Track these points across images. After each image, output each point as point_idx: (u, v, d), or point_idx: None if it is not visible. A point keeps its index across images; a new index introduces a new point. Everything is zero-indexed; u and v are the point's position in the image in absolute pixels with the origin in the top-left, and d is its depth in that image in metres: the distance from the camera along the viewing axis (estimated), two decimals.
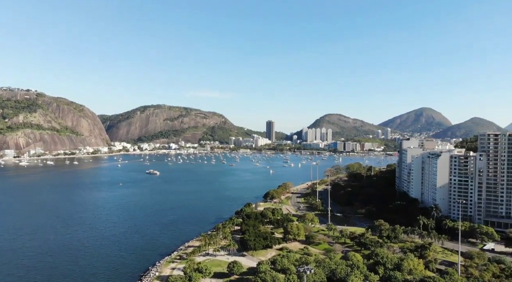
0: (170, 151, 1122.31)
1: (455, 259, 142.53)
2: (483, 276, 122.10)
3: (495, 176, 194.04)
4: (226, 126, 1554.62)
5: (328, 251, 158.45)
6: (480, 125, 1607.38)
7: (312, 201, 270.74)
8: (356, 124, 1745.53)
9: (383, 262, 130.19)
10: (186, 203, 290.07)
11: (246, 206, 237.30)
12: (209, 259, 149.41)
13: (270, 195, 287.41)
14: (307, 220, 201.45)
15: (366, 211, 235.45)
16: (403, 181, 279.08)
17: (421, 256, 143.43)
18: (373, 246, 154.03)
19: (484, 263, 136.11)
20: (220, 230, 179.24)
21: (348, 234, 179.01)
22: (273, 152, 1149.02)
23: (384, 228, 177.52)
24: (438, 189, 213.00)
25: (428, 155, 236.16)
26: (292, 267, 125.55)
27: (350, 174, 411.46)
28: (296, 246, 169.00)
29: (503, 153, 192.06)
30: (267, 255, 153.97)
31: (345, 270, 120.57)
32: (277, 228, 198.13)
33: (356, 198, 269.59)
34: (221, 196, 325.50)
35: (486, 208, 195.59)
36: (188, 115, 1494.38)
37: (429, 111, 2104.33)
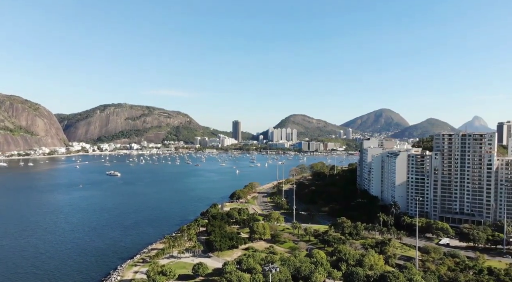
0: (132, 152, 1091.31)
1: (413, 254, 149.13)
2: (439, 269, 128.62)
3: (449, 174, 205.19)
4: (191, 126, 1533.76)
5: (293, 249, 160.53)
6: (436, 125, 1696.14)
7: (278, 200, 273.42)
8: (319, 125, 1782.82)
9: (345, 258, 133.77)
10: (149, 204, 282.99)
11: (212, 207, 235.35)
12: (173, 262, 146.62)
13: (236, 195, 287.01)
14: (273, 219, 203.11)
15: (329, 209, 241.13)
16: (364, 179, 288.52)
17: (381, 251, 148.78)
18: (336, 243, 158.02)
19: (440, 257, 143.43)
20: (185, 231, 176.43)
21: (312, 231, 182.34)
22: (240, 151, 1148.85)
23: (347, 225, 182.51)
24: (397, 187, 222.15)
25: (387, 154, 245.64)
26: (258, 266, 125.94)
27: (314, 173, 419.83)
28: (262, 245, 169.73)
29: (457, 152, 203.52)
30: (233, 256, 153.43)
31: (309, 268, 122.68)
32: (244, 228, 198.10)
33: (320, 196, 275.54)
34: (186, 197, 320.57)
35: (441, 205, 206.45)
36: (151, 114, 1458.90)
37: (388, 112, 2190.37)
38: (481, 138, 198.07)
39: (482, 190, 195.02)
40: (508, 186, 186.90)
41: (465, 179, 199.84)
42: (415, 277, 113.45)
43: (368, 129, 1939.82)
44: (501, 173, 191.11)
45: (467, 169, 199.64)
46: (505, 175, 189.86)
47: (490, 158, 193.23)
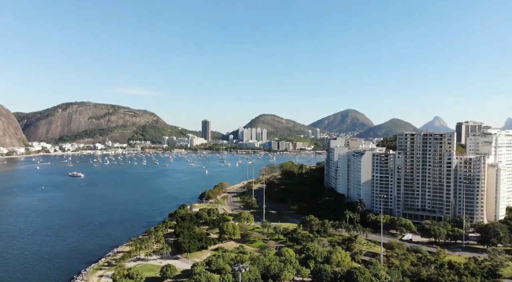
0: (96, 152, 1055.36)
1: (378, 250, 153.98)
2: (403, 264, 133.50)
3: (412, 172, 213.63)
4: (158, 125, 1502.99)
5: (262, 248, 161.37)
6: (399, 125, 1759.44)
7: (248, 199, 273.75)
8: (289, 125, 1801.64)
9: (313, 256, 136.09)
10: (115, 206, 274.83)
11: (180, 208, 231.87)
12: (140, 264, 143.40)
13: (206, 196, 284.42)
14: (243, 218, 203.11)
15: (298, 207, 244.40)
16: (331, 177, 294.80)
17: (348, 248, 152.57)
18: (305, 240, 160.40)
19: (403, 253, 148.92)
20: (152, 233, 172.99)
21: (281, 230, 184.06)
22: (209, 151, 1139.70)
23: (315, 223, 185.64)
24: (362, 185, 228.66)
25: (353, 153, 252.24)
26: (228, 266, 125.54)
27: (284, 172, 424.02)
28: (232, 245, 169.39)
29: (418, 151, 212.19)
30: (202, 256, 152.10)
31: (279, 266, 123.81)
32: (213, 229, 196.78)
33: (289, 195, 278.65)
34: (153, 199, 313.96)
35: (404, 202, 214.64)
36: (116, 113, 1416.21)
37: (354, 112, 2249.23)
38: (441, 138, 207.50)
39: (442, 187, 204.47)
40: (467, 183, 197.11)
41: (427, 177, 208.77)
42: (380, 273, 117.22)
43: (335, 129, 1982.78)
44: (460, 170, 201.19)
45: (428, 167, 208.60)
46: (463, 172, 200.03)
47: (450, 156, 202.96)
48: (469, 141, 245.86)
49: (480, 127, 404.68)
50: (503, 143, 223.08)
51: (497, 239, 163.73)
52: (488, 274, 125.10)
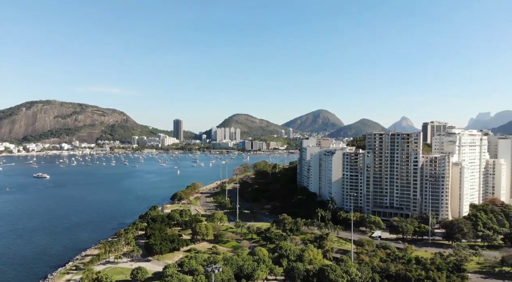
0: (62, 152, 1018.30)
1: (349, 247, 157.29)
2: (372, 261, 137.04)
3: (380, 170, 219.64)
4: (128, 124, 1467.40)
5: (236, 248, 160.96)
6: (368, 125, 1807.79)
7: (221, 199, 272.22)
8: (262, 125, 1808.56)
9: (286, 254, 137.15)
10: (83, 208, 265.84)
11: (151, 209, 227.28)
12: (110, 267, 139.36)
13: (178, 196, 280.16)
14: (216, 219, 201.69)
15: (272, 206, 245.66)
16: (303, 176, 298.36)
17: (320, 246, 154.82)
18: (278, 239, 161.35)
19: (373, 249, 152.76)
20: (122, 235, 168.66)
21: (255, 229, 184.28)
22: (182, 151, 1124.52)
23: (287, 222, 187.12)
24: (333, 183, 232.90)
25: (324, 152, 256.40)
26: (200, 267, 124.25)
27: (257, 171, 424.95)
28: (205, 246, 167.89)
29: (387, 150, 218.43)
30: (174, 258, 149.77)
31: (252, 265, 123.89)
32: (186, 230, 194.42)
33: (263, 194, 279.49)
34: (123, 200, 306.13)
35: (374, 199, 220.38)
36: (84, 112, 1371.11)
37: (325, 113, 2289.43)
38: (408, 138, 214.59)
39: (409, 185, 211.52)
40: (432, 181, 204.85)
41: (394, 175, 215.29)
42: (351, 269, 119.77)
43: (307, 129, 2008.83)
44: (426, 169, 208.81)
45: (396, 166, 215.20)
46: (429, 171, 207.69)
47: (416, 155, 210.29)
48: (434, 140, 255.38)
49: (445, 127, 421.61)
50: (466, 142, 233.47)
51: (461, 234, 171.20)
52: (453, 268, 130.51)
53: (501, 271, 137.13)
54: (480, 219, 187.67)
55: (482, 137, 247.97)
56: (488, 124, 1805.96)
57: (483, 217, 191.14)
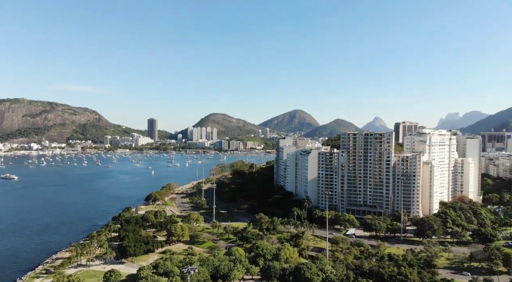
0: (31, 152, 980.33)
1: (324, 245, 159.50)
2: (347, 258, 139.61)
3: (354, 169, 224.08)
4: (100, 124, 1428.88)
5: (212, 248, 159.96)
6: (342, 126, 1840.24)
7: (198, 200, 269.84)
8: (239, 124, 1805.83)
9: (263, 253, 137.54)
10: (53, 210, 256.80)
11: (125, 211, 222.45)
12: (82, 271, 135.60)
13: (152, 197, 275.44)
14: (192, 219, 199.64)
15: (249, 206, 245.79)
16: (280, 176, 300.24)
17: (296, 244, 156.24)
18: (254, 239, 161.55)
19: (347, 247, 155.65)
20: (95, 238, 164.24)
21: (231, 229, 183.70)
22: (156, 151, 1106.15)
23: (264, 221, 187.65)
24: (309, 182, 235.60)
25: (300, 152, 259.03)
26: (176, 269, 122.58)
27: (234, 171, 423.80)
28: (180, 247, 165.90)
29: (360, 149, 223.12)
30: (149, 260, 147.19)
31: (228, 266, 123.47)
32: (161, 231, 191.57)
33: (240, 194, 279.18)
34: (95, 201, 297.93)
35: (348, 198, 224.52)
36: (54, 111, 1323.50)
37: (301, 113, 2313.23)
38: (380, 137, 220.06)
39: (382, 183, 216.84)
40: (404, 179, 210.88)
41: (368, 174, 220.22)
42: (326, 267, 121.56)
43: (283, 129, 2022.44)
44: (398, 168, 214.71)
45: (369, 165, 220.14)
46: (401, 169, 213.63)
47: (389, 154, 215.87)
48: (406, 140, 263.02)
49: (416, 127, 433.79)
50: (436, 141, 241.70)
51: (431, 231, 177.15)
52: (424, 264, 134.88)
53: (469, 266, 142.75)
54: (449, 216, 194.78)
55: (451, 137, 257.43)
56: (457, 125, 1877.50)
57: (452, 214, 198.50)
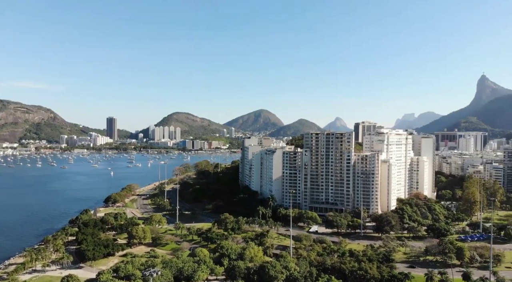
0: None
1: (288, 243, 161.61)
2: (310, 255, 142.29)
3: (317, 168, 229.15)
4: (56, 123, 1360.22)
5: (175, 250, 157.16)
6: (305, 125, 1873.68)
7: (160, 201, 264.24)
8: (204, 123, 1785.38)
9: (227, 253, 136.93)
10: (5, 214, 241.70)
11: (82, 213, 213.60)
12: (37, 276, 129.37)
13: (112, 199, 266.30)
14: (154, 221, 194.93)
15: (213, 206, 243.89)
16: (245, 175, 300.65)
17: (261, 243, 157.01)
18: (219, 239, 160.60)
19: (310, 244, 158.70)
20: (50, 242, 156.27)
21: (195, 230, 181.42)
22: (116, 151, 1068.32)
23: (229, 221, 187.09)
24: (274, 181, 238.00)
25: (265, 151, 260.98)
26: (138, 272, 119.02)
27: (199, 171, 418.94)
28: (142, 250, 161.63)
29: (322, 148, 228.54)
30: (109, 264, 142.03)
31: (192, 267, 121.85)
32: (121, 234, 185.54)
33: (204, 194, 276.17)
34: (51, 204, 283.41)
35: (311, 196, 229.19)
36: (5, 109, 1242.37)
37: (266, 113, 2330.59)
38: (341, 137, 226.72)
39: (343, 181, 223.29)
40: (363, 177, 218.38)
41: (330, 172, 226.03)
42: (290, 265, 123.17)
43: (249, 129, 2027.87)
44: (358, 166, 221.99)
45: (331, 164, 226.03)
46: (361, 168, 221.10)
47: (349, 153, 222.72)
48: (365, 139, 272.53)
49: (374, 127, 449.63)
50: (393, 141, 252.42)
51: (389, 227, 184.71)
52: (383, 259, 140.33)
53: (425, 260, 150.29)
54: (406, 212, 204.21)
55: (407, 137, 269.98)
56: (413, 125, 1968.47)
57: (408, 210, 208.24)
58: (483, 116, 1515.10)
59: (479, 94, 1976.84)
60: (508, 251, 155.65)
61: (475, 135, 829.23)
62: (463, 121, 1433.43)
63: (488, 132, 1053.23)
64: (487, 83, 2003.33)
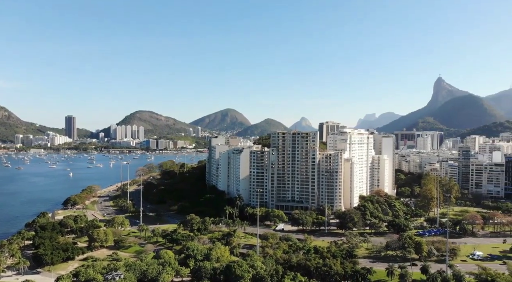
0: None
1: (255, 241, 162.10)
2: (276, 253, 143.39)
3: (283, 167, 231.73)
4: (10, 121, 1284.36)
5: (139, 252, 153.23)
6: (272, 125, 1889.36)
7: (123, 203, 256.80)
8: (168, 122, 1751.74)
9: (193, 254, 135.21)
10: None
11: (40, 216, 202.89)
12: None
13: (71, 201, 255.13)
14: (116, 223, 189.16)
15: (179, 207, 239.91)
16: (212, 175, 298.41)
17: (227, 243, 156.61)
18: (185, 240, 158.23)
19: (276, 242, 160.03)
20: (5, 246, 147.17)
21: (160, 232, 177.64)
22: (75, 151, 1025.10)
23: (195, 222, 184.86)
24: (241, 181, 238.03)
25: (233, 151, 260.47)
26: (99, 276, 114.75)
27: (164, 171, 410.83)
28: (104, 253, 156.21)
29: (289, 148, 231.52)
30: (68, 268, 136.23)
31: (157, 269, 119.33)
32: (81, 237, 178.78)
33: (169, 195, 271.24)
34: (5, 207, 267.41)
35: (277, 194, 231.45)
36: None
37: (233, 112, 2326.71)
38: (307, 136, 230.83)
39: (308, 180, 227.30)
40: (327, 175, 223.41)
41: (296, 171, 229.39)
42: (256, 263, 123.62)
43: (216, 128, 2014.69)
44: (322, 165, 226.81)
45: (297, 162, 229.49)
46: (325, 166, 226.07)
47: (314, 152, 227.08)
48: (329, 139, 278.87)
49: (338, 127, 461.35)
50: (356, 140, 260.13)
51: (352, 223, 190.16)
52: (346, 255, 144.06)
53: (386, 255, 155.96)
54: (368, 209, 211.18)
55: (368, 136, 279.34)
56: (374, 125, 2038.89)
57: (370, 207, 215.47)
58: (439, 116, 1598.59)
59: (436, 95, 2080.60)
60: (463, 245, 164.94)
61: (432, 134, 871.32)
62: (421, 121, 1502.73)
63: (444, 131, 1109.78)
64: (443, 85, 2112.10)
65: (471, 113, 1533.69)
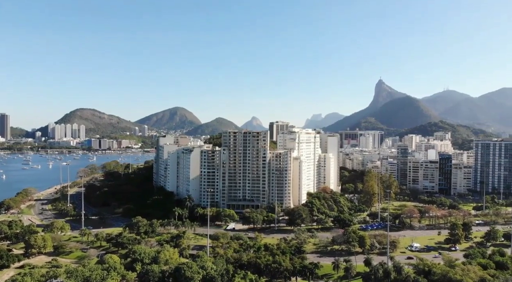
0: None
1: (205, 242, 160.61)
2: (227, 253, 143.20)
3: (235, 166, 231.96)
4: None
5: (81, 258, 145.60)
6: (223, 124, 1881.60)
7: (62, 206, 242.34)
8: (112, 121, 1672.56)
9: (140, 258, 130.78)
10: None
11: None
12: None
13: (5, 205, 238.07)
14: (55, 228, 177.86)
15: (124, 209, 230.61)
16: (160, 176, 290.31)
17: (176, 245, 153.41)
18: (131, 244, 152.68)
19: (227, 242, 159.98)
20: None
21: (104, 236, 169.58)
22: (9, 152, 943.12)
23: (142, 224, 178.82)
24: (191, 181, 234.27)
25: (182, 150, 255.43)
26: None
27: (107, 173, 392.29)
28: (43, 260, 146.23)
29: (240, 147, 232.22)
30: (3, 277, 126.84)
31: (101, 274, 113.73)
32: (17, 243, 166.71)
33: (114, 197, 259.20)
34: None
35: (229, 194, 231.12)
36: None
37: (182, 110, 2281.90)
38: (257, 136, 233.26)
39: (259, 178, 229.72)
40: (277, 174, 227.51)
41: (247, 170, 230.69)
42: (207, 264, 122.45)
43: (164, 127, 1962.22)
44: (272, 163, 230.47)
45: (248, 162, 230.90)
46: (275, 165, 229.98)
47: (265, 151, 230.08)
48: (279, 138, 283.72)
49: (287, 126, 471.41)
50: (304, 139, 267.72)
51: (301, 220, 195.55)
52: (295, 251, 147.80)
53: (332, 249, 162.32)
54: (315, 205, 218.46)
55: (315, 135, 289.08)
56: (320, 124, 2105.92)
57: (317, 203, 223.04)
58: (380, 116, 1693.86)
59: (377, 97, 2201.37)
60: (402, 238, 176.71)
61: (373, 134, 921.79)
62: (363, 122, 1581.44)
63: (384, 131, 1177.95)
64: (383, 87, 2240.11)
65: (408, 114, 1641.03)
